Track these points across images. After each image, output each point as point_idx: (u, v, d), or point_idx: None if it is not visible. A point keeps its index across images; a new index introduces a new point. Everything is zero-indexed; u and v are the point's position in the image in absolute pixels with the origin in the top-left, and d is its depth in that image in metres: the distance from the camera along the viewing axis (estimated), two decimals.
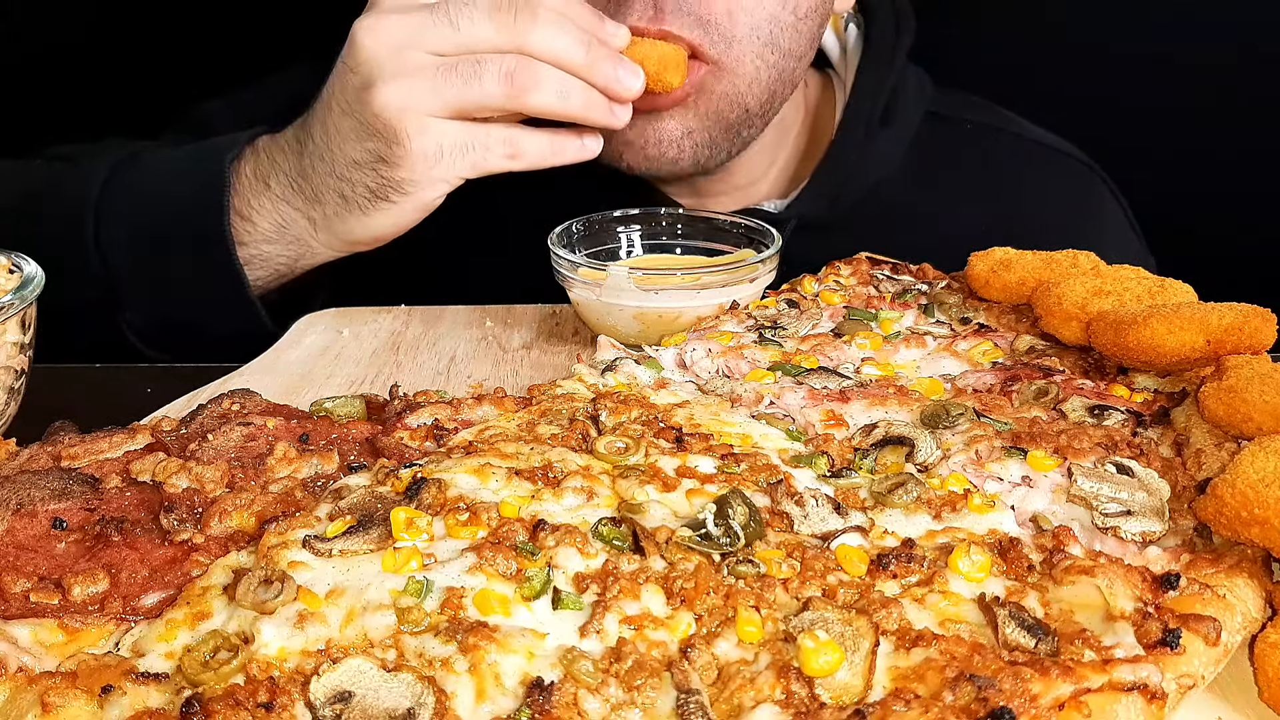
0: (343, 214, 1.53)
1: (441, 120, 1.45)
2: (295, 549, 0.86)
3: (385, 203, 1.50)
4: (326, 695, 0.72)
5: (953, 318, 1.35)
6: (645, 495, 0.95)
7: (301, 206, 1.55)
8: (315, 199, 1.54)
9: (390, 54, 1.44)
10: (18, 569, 0.89)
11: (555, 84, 1.43)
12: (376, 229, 1.55)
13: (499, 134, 1.47)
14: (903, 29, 1.91)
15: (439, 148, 1.45)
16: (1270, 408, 0.95)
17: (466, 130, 1.46)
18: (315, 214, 1.55)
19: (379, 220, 1.53)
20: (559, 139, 1.50)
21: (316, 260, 1.62)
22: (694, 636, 0.79)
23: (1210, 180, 2.33)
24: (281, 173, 1.56)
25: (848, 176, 1.85)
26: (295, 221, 1.57)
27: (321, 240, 1.58)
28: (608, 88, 1.45)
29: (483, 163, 1.47)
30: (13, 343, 1.19)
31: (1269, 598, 0.85)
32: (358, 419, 1.16)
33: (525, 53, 1.42)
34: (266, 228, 1.58)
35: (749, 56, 1.64)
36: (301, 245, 1.59)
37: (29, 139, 1.87)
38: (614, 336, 1.37)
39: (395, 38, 1.45)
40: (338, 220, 1.54)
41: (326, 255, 1.61)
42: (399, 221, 1.54)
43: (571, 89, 1.44)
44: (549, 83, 1.42)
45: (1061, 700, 0.71)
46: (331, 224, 1.55)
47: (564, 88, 1.43)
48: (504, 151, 1.47)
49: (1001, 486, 0.98)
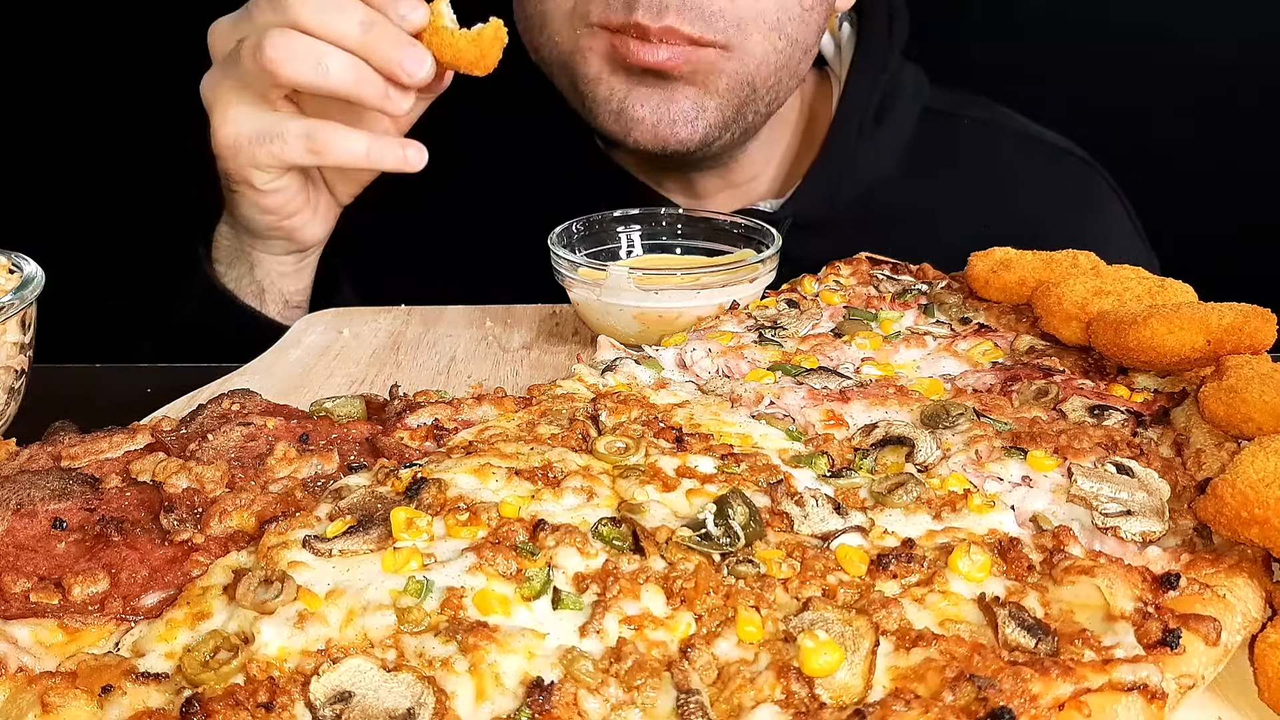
0: (238, 218, 1.59)
1: (240, 106, 1.43)
2: (295, 549, 0.86)
3: (239, 197, 1.54)
4: (326, 695, 0.72)
5: (953, 318, 1.35)
6: (645, 495, 0.95)
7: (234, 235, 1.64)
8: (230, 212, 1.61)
9: (216, 44, 1.47)
10: (18, 569, 0.88)
11: (311, 57, 1.36)
12: (260, 225, 1.58)
13: (297, 126, 1.42)
14: (897, 27, 1.91)
15: (236, 135, 1.44)
16: (1270, 408, 0.95)
17: (261, 118, 1.43)
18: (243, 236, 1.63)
19: (260, 220, 1.57)
20: (379, 143, 1.44)
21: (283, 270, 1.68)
22: (694, 636, 0.79)
23: (1210, 180, 2.33)
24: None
25: (842, 175, 1.85)
26: (243, 250, 1.66)
27: (260, 250, 1.65)
28: (387, 70, 1.38)
29: (281, 153, 1.43)
30: (13, 343, 1.19)
31: (1269, 598, 0.85)
32: (358, 419, 1.16)
33: (299, 28, 1.37)
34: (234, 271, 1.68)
35: (757, 37, 1.64)
36: (261, 267, 1.67)
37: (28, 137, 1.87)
38: (614, 336, 1.37)
39: (220, 26, 1.48)
40: (243, 229, 1.61)
41: (279, 261, 1.67)
42: (270, 222, 1.57)
43: (332, 63, 1.36)
44: (305, 56, 1.36)
45: (1061, 700, 0.71)
46: (239, 233, 1.63)
47: (322, 62, 1.36)
48: (303, 145, 1.42)
49: (1001, 486, 0.98)
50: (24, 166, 2.52)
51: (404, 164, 1.44)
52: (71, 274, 1.50)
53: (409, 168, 1.44)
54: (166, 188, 2.46)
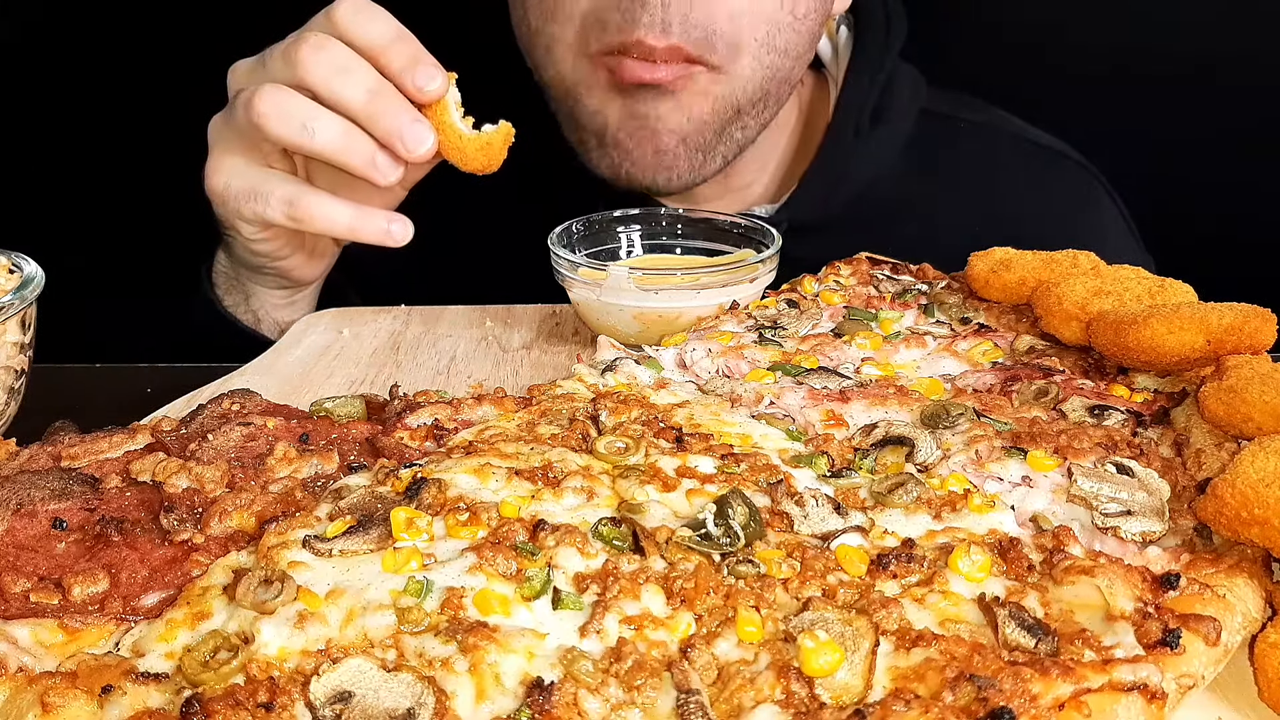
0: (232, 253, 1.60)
1: (233, 156, 1.43)
2: (295, 549, 0.86)
3: (229, 238, 1.55)
4: (326, 695, 0.72)
5: (953, 318, 1.35)
6: (645, 495, 0.95)
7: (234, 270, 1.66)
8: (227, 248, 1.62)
9: (232, 85, 1.47)
10: (18, 569, 0.88)
11: (299, 118, 1.33)
12: (253, 264, 1.59)
13: (282, 190, 1.40)
14: (894, 28, 1.91)
15: (225, 186, 1.43)
16: (1270, 408, 0.95)
17: (250, 174, 1.42)
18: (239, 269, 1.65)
19: (252, 260, 1.58)
20: (362, 214, 1.40)
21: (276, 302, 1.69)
22: (694, 636, 0.79)
23: (1210, 180, 2.33)
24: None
25: (839, 176, 1.85)
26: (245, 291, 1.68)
27: (255, 283, 1.66)
28: (387, 141, 1.34)
29: (263, 214, 1.41)
30: (13, 343, 1.19)
31: (1269, 598, 0.85)
32: (358, 419, 1.16)
33: (305, 85, 1.35)
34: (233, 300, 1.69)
35: (747, 59, 1.65)
36: (258, 299, 1.68)
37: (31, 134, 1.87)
38: (614, 336, 1.37)
39: (238, 68, 1.47)
40: (239, 262, 1.62)
41: (273, 294, 1.67)
42: (262, 262, 1.57)
43: (319, 126, 1.33)
44: (293, 116, 1.33)
45: (1061, 700, 0.71)
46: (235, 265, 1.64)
47: (309, 124, 1.33)
48: (284, 210, 1.40)
49: (1001, 486, 0.98)
50: (24, 166, 2.52)
51: (386, 238, 1.40)
52: (71, 274, 1.50)
53: (391, 242, 1.41)
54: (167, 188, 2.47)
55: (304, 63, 1.34)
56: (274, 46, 1.42)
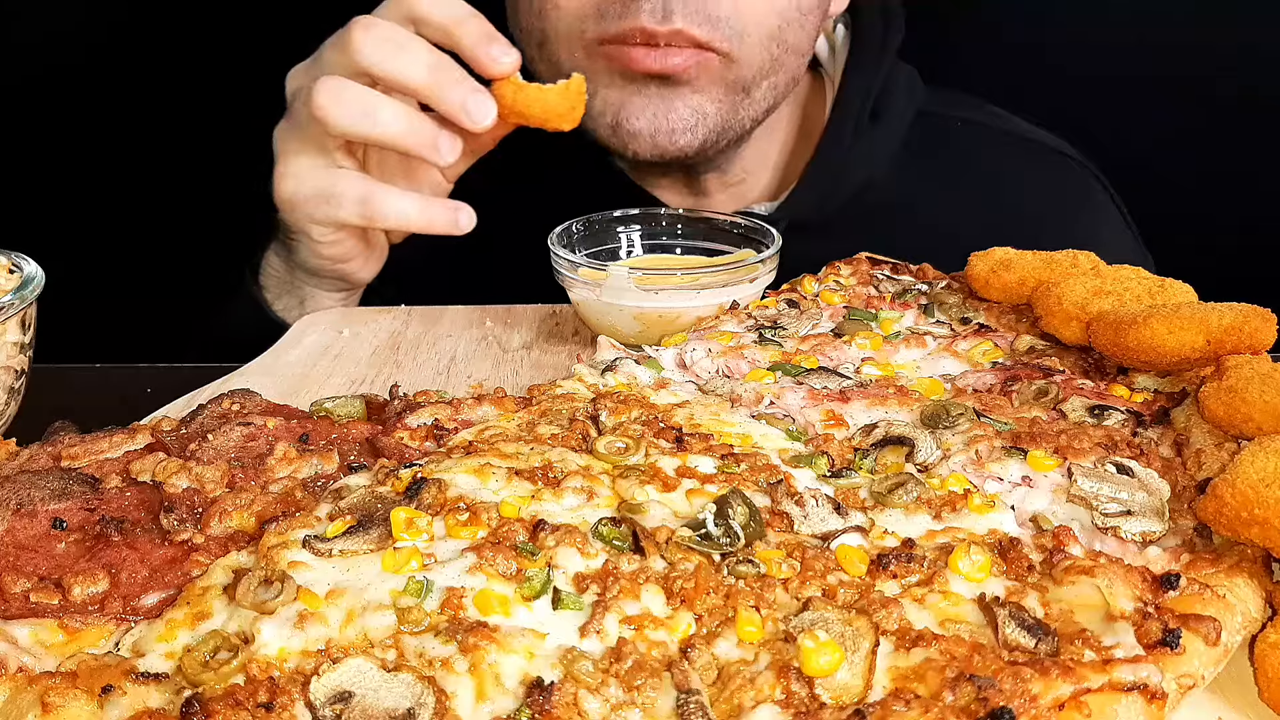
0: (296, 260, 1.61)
1: (300, 159, 1.42)
2: (295, 549, 0.86)
3: (297, 244, 1.55)
4: (326, 695, 0.72)
5: (953, 318, 1.35)
6: (645, 495, 0.95)
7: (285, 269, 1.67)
8: (284, 248, 1.63)
9: (291, 91, 1.46)
10: (18, 569, 0.88)
11: (360, 105, 1.33)
12: (316, 268, 1.60)
13: (354, 190, 1.40)
14: (891, 28, 1.92)
15: (295, 192, 1.43)
16: (1270, 408, 0.95)
17: (320, 176, 1.42)
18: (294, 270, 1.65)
19: (316, 264, 1.58)
20: (430, 206, 1.42)
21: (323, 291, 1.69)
22: (694, 636, 0.79)
23: (1210, 180, 2.33)
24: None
25: (836, 176, 1.86)
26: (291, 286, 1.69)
27: (314, 286, 1.66)
28: (452, 113, 1.35)
29: (337, 215, 1.42)
30: (13, 343, 1.19)
31: (1269, 598, 0.85)
32: (358, 419, 1.16)
33: (364, 70, 1.34)
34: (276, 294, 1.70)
35: (756, 46, 1.65)
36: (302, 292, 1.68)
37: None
38: (614, 336, 1.37)
39: (295, 73, 1.47)
40: (298, 267, 1.62)
41: (329, 297, 1.68)
42: (325, 266, 1.58)
43: (382, 112, 1.33)
44: (354, 104, 1.33)
45: (1061, 700, 0.71)
46: (293, 270, 1.64)
47: (370, 111, 1.33)
48: (358, 209, 1.40)
49: (1001, 486, 0.98)
50: (25, 167, 2.52)
51: (454, 227, 1.44)
52: (71, 274, 1.51)
53: (458, 231, 1.44)
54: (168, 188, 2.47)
55: (359, 47, 1.33)
56: (326, 41, 1.42)
